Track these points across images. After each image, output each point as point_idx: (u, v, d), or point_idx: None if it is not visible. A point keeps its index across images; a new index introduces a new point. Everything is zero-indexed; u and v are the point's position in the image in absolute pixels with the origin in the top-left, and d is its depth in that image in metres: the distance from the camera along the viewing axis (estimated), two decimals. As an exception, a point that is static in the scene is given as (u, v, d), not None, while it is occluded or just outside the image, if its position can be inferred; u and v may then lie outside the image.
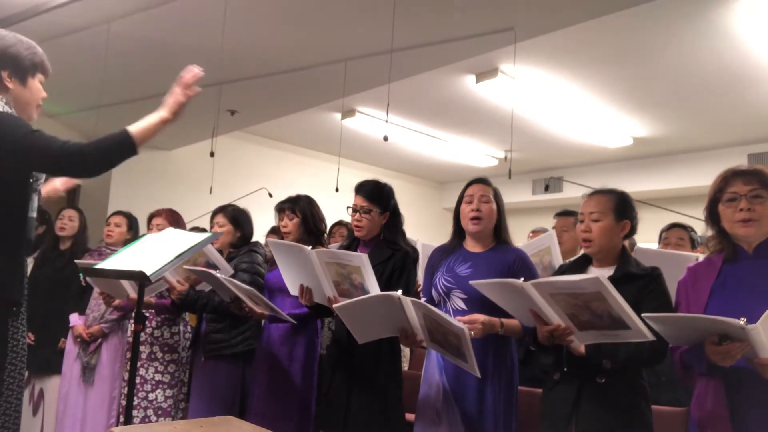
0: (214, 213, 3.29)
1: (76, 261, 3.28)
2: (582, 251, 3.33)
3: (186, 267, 2.81)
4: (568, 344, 1.89)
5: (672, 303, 1.89)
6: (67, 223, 3.83)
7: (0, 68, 1.86)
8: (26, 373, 3.61)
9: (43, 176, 1.93)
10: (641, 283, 1.92)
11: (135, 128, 1.85)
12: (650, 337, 1.67)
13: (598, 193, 2.11)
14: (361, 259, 2.20)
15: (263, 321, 2.95)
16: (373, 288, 2.22)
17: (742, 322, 1.43)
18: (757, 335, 1.45)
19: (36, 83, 1.94)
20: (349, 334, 2.24)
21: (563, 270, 2.17)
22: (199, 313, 3.17)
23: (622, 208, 2.04)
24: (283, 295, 2.83)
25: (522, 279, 1.81)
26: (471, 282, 2.04)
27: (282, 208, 2.97)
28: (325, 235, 3.13)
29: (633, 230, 2.07)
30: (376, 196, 2.57)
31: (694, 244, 3.24)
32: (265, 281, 3.00)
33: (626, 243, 2.13)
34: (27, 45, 1.92)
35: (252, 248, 3.16)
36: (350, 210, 2.60)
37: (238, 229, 3.20)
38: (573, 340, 1.84)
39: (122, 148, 1.83)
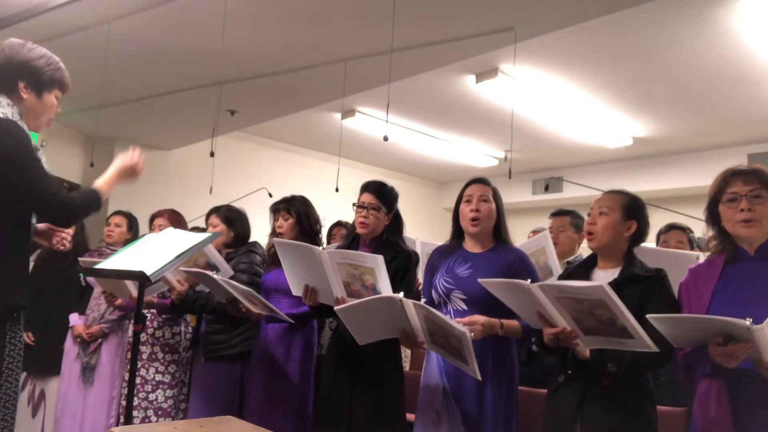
0: (209, 214, 3.30)
1: (79, 259, 3.28)
2: (579, 250, 3.36)
3: (182, 269, 2.81)
4: (574, 347, 1.88)
5: (678, 305, 1.88)
6: None
7: (18, 78, 1.89)
8: (24, 374, 3.62)
9: None
10: (646, 285, 1.91)
11: (100, 184, 2.03)
12: (654, 348, 1.66)
13: (613, 191, 2.11)
14: (376, 261, 2.21)
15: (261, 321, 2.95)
16: (386, 289, 2.22)
17: (748, 322, 1.42)
18: (763, 336, 1.44)
19: (51, 98, 1.98)
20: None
21: (569, 272, 2.17)
22: (199, 314, 3.17)
23: (632, 209, 2.03)
24: (279, 295, 2.83)
25: (529, 280, 1.82)
26: (479, 280, 2.04)
27: (277, 208, 2.97)
28: (322, 235, 3.14)
29: (640, 234, 2.05)
30: (384, 195, 2.58)
31: (692, 246, 3.22)
32: (262, 282, 3.00)
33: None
34: (50, 60, 1.96)
35: (250, 248, 3.16)
36: (355, 207, 2.59)
37: (231, 229, 3.21)
38: (578, 343, 1.84)
39: (95, 205, 2.00)
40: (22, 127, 1.83)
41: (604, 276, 2.01)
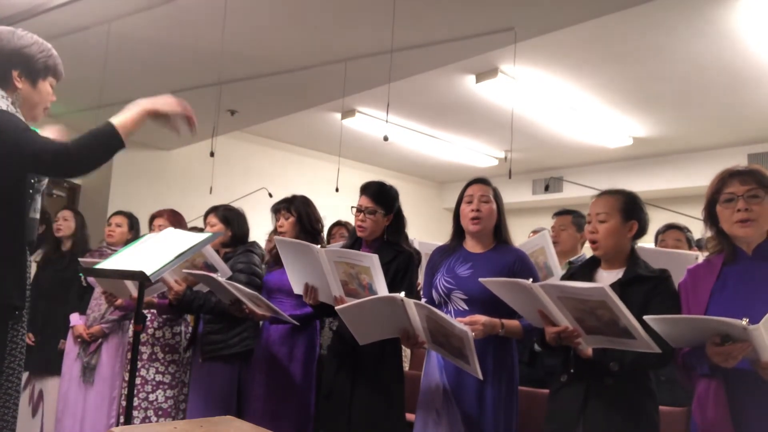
0: (207, 213, 3.30)
1: (79, 260, 3.29)
2: (582, 249, 3.37)
3: (185, 270, 2.81)
4: (576, 346, 1.88)
5: (681, 306, 1.88)
6: (63, 224, 3.83)
7: (11, 67, 1.84)
8: (26, 374, 3.63)
9: (46, 182, 1.92)
10: (650, 286, 1.91)
11: (118, 120, 1.79)
12: (656, 349, 1.67)
13: (606, 193, 2.10)
14: (372, 260, 2.21)
15: (262, 321, 2.95)
16: (382, 289, 2.22)
17: (744, 322, 1.43)
18: (759, 336, 1.44)
19: (46, 86, 1.93)
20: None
21: (572, 272, 2.16)
22: (197, 314, 3.17)
23: (630, 209, 2.03)
24: (282, 295, 2.83)
25: (530, 279, 1.82)
26: (480, 279, 2.04)
27: (278, 208, 2.98)
28: (323, 235, 3.14)
29: (642, 231, 2.05)
30: (381, 197, 2.57)
31: (691, 245, 3.23)
32: (264, 282, 3.00)
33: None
34: (43, 47, 1.90)
35: (248, 248, 3.16)
36: (354, 210, 2.60)
37: (229, 228, 3.21)
38: (580, 342, 1.84)
39: (109, 141, 1.76)
40: (15, 115, 1.78)
41: (608, 276, 2.02)
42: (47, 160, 1.71)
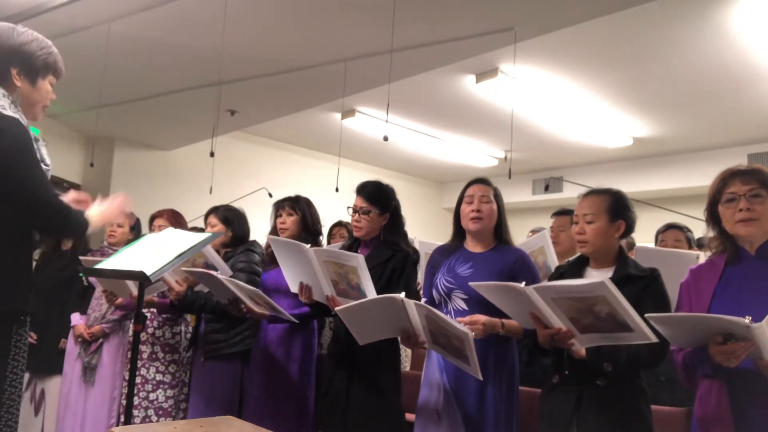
0: (207, 214, 3.30)
1: (81, 258, 3.29)
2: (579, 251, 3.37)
3: (184, 269, 2.81)
4: (569, 347, 1.88)
5: (670, 305, 1.88)
6: None
7: (11, 65, 1.81)
8: (27, 374, 3.63)
9: (49, 178, 1.92)
10: (640, 285, 1.91)
11: (92, 217, 1.93)
12: (653, 338, 1.66)
13: (592, 193, 2.10)
14: (358, 260, 2.21)
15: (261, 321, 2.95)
16: (369, 289, 2.22)
17: (747, 321, 1.42)
18: (763, 335, 1.44)
19: (46, 84, 1.90)
20: (349, 333, 2.24)
21: (561, 272, 2.16)
22: (198, 314, 3.17)
23: (616, 208, 2.03)
24: (279, 295, 2.83)
25: (523, 282, 1.81)
26: (471, 283, 2.04)
27: (281, 205, 2.98)
28: (323, 236, 3.14)
29: (629, 229, 2.05)
30: (376, 197, 2.57)
31: (690, 244, 3.24)
32: (262, 281, 3.00)
33: (623, 242, 2.12)
34: (43, 44, 1.87)
35: (249, 248, 3.16)
36: (350, 210, 2.60)
37: (230, 229, 3.21)
38: (574, 343, 1.84)
39: (83, 230, 1.90)
40: (23, 125, 1.78)
41: (597, 275, 2.01)
42: (38, 207, 1.78)
